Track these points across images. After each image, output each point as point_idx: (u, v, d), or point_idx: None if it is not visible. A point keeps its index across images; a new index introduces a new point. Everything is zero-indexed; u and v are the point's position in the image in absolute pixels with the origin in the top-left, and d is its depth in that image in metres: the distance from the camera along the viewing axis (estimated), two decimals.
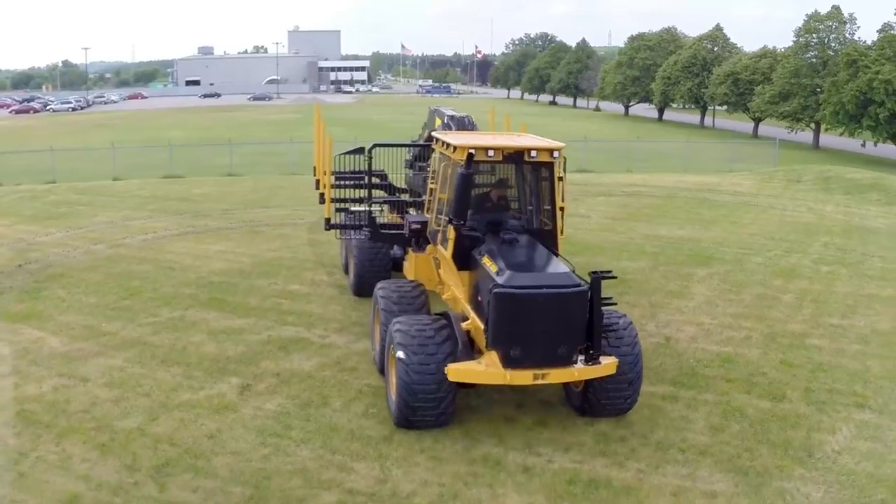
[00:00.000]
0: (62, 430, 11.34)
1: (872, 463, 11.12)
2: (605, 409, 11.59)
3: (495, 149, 12.16)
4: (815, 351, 15.50)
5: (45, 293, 18.16)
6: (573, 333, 10.59)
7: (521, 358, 10.42)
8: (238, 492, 9.71)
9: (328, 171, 16.20)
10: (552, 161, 12.46)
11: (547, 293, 10.34)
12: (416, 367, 10.59)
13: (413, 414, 10.82)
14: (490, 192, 13.35)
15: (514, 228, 12.33)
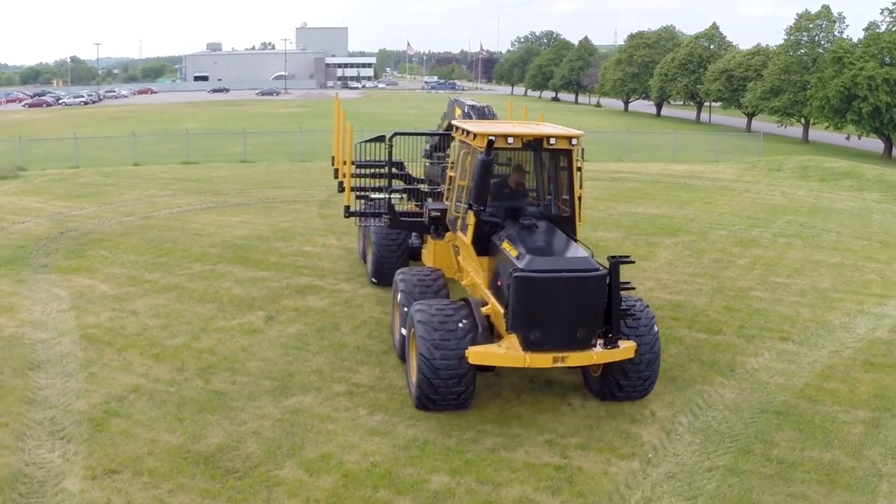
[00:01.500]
0: (121, 346, 13.98)
1: (784, 377, 13.67)
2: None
3: (515, 136, 12.26)
4: (756, 300, 18.04)
5: (88, 253, 20.76)
6: (592, 317, 10.63)
7: (541, 341, 10.46)
8: (267, 384, 12.36)
9: (348, 159, 16.43)
10: (570, 148, 12.51)
11: (566, 277, 10.39)
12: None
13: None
14: (509, 179, 13.46)
15: (533, 215, 12.40)
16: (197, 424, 10.90)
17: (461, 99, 18.01)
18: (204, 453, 10.12)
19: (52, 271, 18.94)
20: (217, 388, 12.18)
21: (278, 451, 10.22)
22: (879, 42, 59.87)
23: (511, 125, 14.10)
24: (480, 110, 16.14)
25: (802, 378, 13.59)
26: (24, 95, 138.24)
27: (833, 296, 18.66)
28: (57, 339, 14.20)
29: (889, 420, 12.02)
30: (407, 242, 16.93)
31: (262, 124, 67.49)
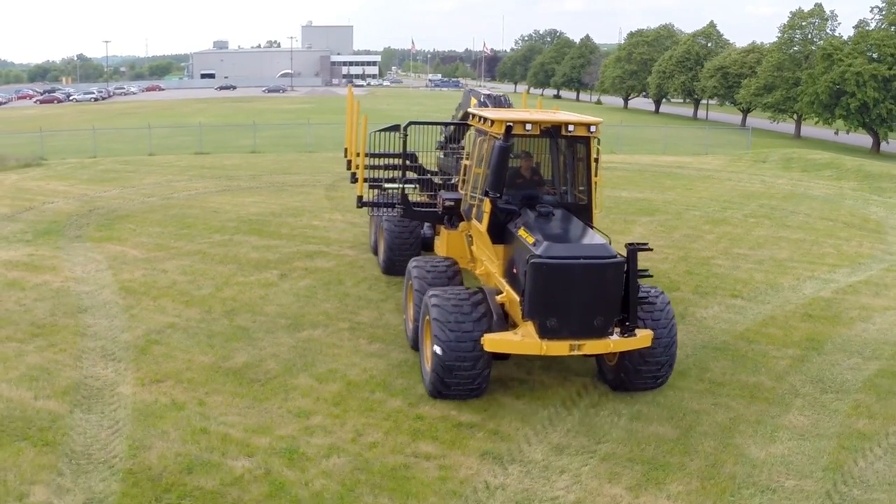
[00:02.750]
0: (155, 295, 16.19)
1: (728, 324, 15.79)
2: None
3: (533, 122, 12.21)
4: (716, 267, 20.20)
5: (117, 226, 22.98)
6: (609, 305, 10.51)
7: (558, 328, 10.36)
8: (282, 321, 14.59)
9: (362, 150, 16.20)
10: (589, 136, 12.42)
11: (583, 263, 10.26)
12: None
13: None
14: (525, 167, 13.40)
15: (550, 203, 12.40)
16: (225, 349, 13.12)
17: (477, 89, 18.86)
18: (232, 369, 12.34)
19: (86, 240, 21.11)
20: (240, 324, 14.40)
21: (293, 367, 12.44)
22: (868, 39, 61.84)
23: (528, 112, 14.22)
24: (497, 99, 16.33)
25: (744, 325, 15.73)
26: (35, 92, 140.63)
27: (788, 264, 20.77)
28: (98, 290, 16.41)
29: (815, 356, 14.12)
30: (419, 233, 16.93)
31: (269, 119, 69.66)
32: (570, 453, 10.07)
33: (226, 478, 9.07)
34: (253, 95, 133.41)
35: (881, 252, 22.95)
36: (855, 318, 16.46)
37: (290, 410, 10.92)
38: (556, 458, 9.86)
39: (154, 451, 9.64)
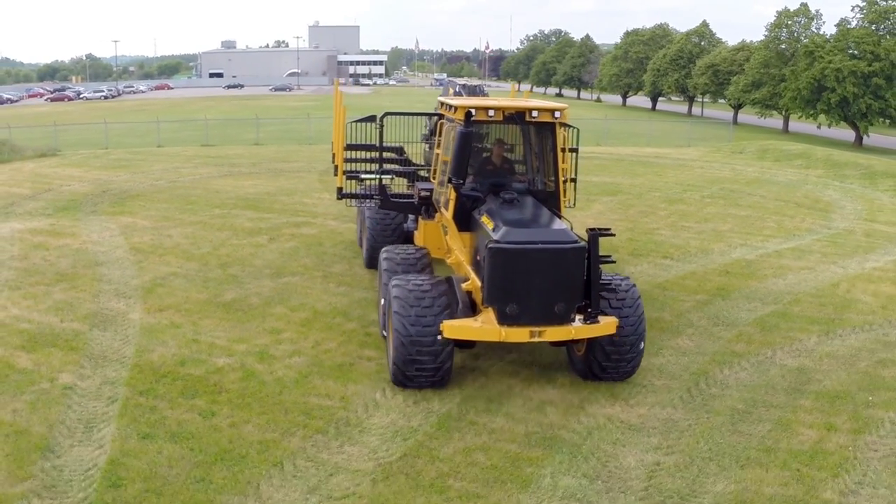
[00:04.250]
0: (161, 253, 18.83)
1: (650, 277, 18.22)
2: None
3: (496, 108, 12.11)
4: (658, 236, 22.69)
5: (128, 203, 25.65)
6: (570, 291, 10.36)
7: (517, 315, 10.23)
8: (267, 271, 17.23)
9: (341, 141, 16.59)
10: (554, 122, 12.32)
11: (542, 248, 10.15)
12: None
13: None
14: (496, 155, 13.33)
15: (518, 190, 12.32)
16: (217, 290, 15.79)
17: (455, 80, 21.55)
18: (222, 302, 15.00)
19: (101, 214, 23.78)
20: (232, 273, 17.06)
21: (272, 301, 15.10)
22: (849, 37, 64.30)
23: (495, 100, 14.14)
24: (472, 89, 16.62)
25: (665, 278, 18.25)
26: (45, 91, 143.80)
27: (726, 235, 23.20)
28: (112, 250, 19.07)
29: (719, 301, 16.59)
30: (402, 226, 16.74)
31: (274, 115, 72.44)
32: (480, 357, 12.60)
33: (210, 369, 11.73)
34: (260, 94, 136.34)
35: (820, 227, 25.26)
36: (769, 274, 18.87)
37: (265, 329, 13.58)
38: (473, 361, 12.39)
39: (155, 353, 12.31)
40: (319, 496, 8.38)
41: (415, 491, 8.54)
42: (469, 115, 11.62)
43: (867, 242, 23.13)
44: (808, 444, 10.20)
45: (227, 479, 8.66)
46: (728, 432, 10.38)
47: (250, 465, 8.95)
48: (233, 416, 10.23)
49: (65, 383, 11.15)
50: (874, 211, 28.72)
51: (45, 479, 8.60)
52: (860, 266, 20.11)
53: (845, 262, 20.48)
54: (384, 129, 15.96)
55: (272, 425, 9.97)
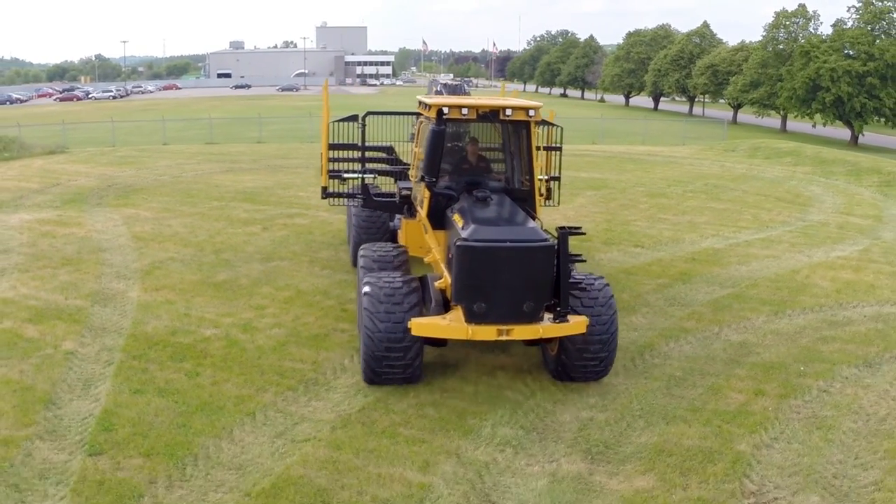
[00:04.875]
0: (160, 241, 20.04)
1: (619, 264, 19.14)
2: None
3: (469, 107, 12.05)
4: (634, 226, 23.79)
5: (132, 196, 26.91)
6: (539, 290, 10.33)
7: (485, 313, 10.21)
8: (258, 256, 18.43)
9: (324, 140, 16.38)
10: (528, 120, 12.31)
11: (510, 247, 10.11)
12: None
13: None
14: (472, 153, 13.31)
15: (494, 188, 12.31)
16: (210, 272, 17.00)
17: (438, 79, 22.59)
18: (214, 283, 16.21)
19: (106, 206, 25.04)
20: (224, 258, 18.27)
21: (259, 282, 16.30)
22: (844, 37, 65.28)
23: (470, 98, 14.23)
24: (453, 87, 17.57)
25: (632, 264, 19.35)
26: (54, 91, 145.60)
27: (700, 226, 24.24)
28: (115, 238, 20.31)
29: (679, 285, 17.65)
30: (387, 225, 16.76)
31: (278, 114, 73.73)
32: None
33: (198, 338, 12.96)
34: (267, 94, 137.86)
35: (795, 219, 26.22)
36: (733, 262, 19.90)
37: (251, 305, 14.80)
38: None
39: (150, 325, 13.54)
40: (284, 440, 9.57)
41: (368, 436, 9.71)
42: (441, 113, 11.70)
43: (838, 234, 24.04)
44: (734, 406, 11.29)
45: (206, 425, 9.86)
46: (661, 395, 11.49)
47: (226, 415, 10.15)
48: (215, 376, 11.44)
49: (67, 349, 12.37)
50: (852, 205, 29.59)
51: (46, 426, 9.80)
52: (826, 255, 21.05)
53: (812, 251, 21.44)
54: (366, 128, 16.14)
55: (249, 384, 11.18)
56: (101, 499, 8.16)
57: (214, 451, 9.24)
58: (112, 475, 8.63)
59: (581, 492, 8.71)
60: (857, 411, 11.24)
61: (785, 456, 9.83)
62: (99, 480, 8.52)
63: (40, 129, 52.03)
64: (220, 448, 9.33)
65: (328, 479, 8.68)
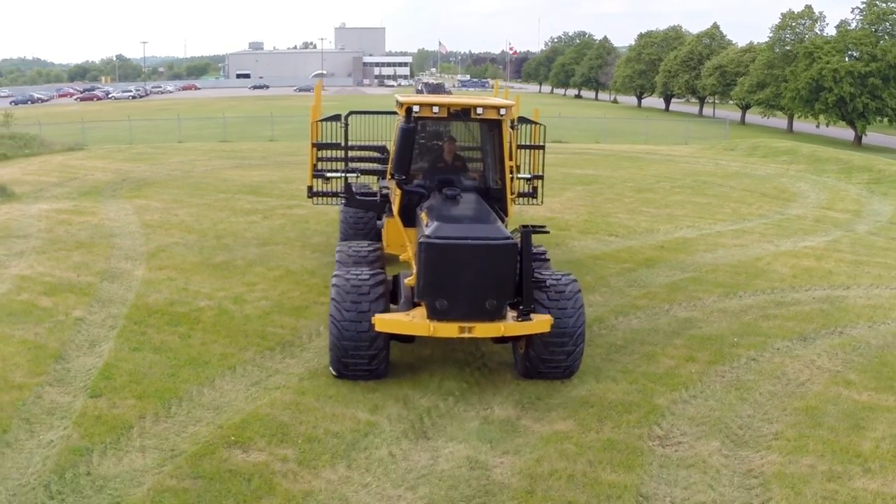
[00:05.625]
0: (166, 228, 21.65)
1: (590, 250, 20.38)
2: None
3: (440, 105, 12.12)
4: (614, 218, 25.13)
5: (144, 189, 28.60)
6: (501, 287, 10.39)
7: (447, 310, 10.28)
8: (255, 241, 19.99)
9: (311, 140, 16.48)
10: (500, 119, 12.35)
11: (471, 244, 10.18)
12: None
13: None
14: (448, 152, 13.43)
15: (466, 186, 12.44)
16: (210, 255, 18.59)
17: (422, 78, 23.84)
18: (212, 264, 17.79)
19: (119, 198, 26.72)
20: (225, 243, 19.86)
21: (254, 263, 17.87)
22: (847, 38, 66.30)
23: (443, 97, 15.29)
24: (434, 87, 19.52)
25: (603, 251, 20.66)
26: (75, 90, 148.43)
27: (679, 219, 25.49)
28: (126, 225, 21.95)
29: (643, 269, 18.79)
30: (374, 224, 16.76)
31: (292, 114, 75.43)
32: None
33: (192, 307, 14.55)
34: (284, 94, 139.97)
35: (773, 213, 27.36)
36: (701, 250, 21.14)
37: (243, 282, 16.37)
38: None
39: (151, 298, 15.13)
40: (258, 388, 11.10)
41: (330, 386, 11.19)
42: (410, 111, 11.87)
43: (812, 226, 25.16)
44: (663, 370, 12.65)
45: (192, 376, 11.42)
46: (599, 359, 12.85)
47: (211, 368, 11.70)
48: (204, 338, 13.01)
49: (76, 316, 13.98)
50: (835, 200, 30.65)
51: (55, 375, 11.39)
52: (794, 245, 22.20)
53: (781, 241, 22.60)
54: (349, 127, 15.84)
55: (233, 344, 12.74)
56: (97, 429, 9.68)
57: (197, 395, 10.78)
58: (108, 412, 10.18)
59: (507, 432, 10.14)
60: (778, 377, 12.50)
61: (698, 409, 11.17)
62: (97, 416, 10.07)
63: (60, 128, 54.00)
64: (202, 393, 10.87)
65: (290, 417, 10.19)
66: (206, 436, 9.59)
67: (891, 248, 22.41)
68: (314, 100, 17.69)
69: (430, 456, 9.37)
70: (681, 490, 8.92)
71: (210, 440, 9.45)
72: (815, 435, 10.44)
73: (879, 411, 11.31)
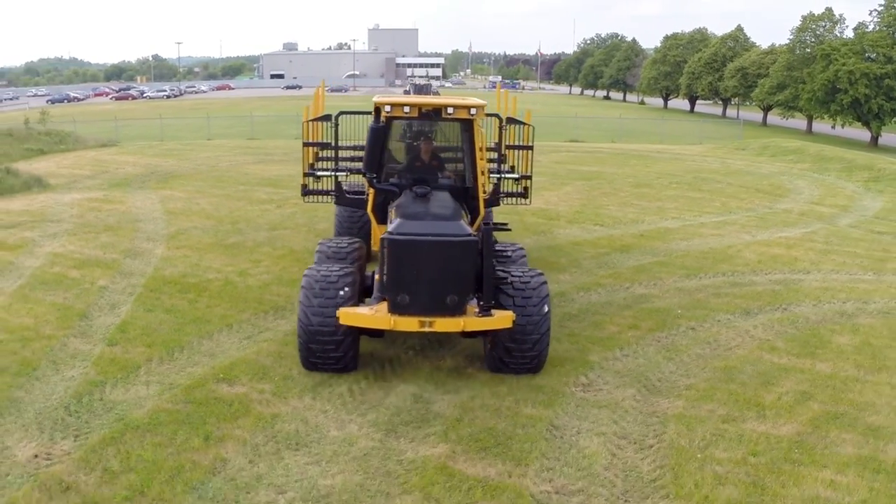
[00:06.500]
0: (187, 215, 23.74)
1: (574, 238, 22.02)
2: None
3: (411, 105, 12.36)
4: (604, 209, 26.76)
5: (170, 181, 30.79)
6: (461, 283, 10.63)
7: (408, 305, 10.52)
8: (266, 226, 22.03)
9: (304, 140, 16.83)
10: (471, 118, 12.61)
11: (430, 241, 10.42)
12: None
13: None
14: (425, 151, 13.77)
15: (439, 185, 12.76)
16: (223, 237, 20.65)
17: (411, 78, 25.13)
18: (224, 244, 19.85)
19: (146, 189, 28.91)
20: (238, 227, 21.93)
21: (263, 244, 19.89)
22: (864, 40, 67.27)
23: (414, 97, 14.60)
24: (420, 87, 17.70)
25: (585, 238, 22.24)
26: (110, 90, 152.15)
27: (667, 211, 27.01)
28: (150, 212, 24.10)
29: (616, 254, 20.27)
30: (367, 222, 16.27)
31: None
32: None
33: (202, 279, 16.59)
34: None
35: (761, 207, 28.53)
36: (677, 238, 22.59)
37: (250, 259, 18.40)
38: None
39: (167, 271, 17.21)
40: (249, 341, 13.09)
41: None
42: (378, 111, 12.28)
43: (795, 219, 26.33)
44: (606, 334, 14.30)
45: (195, 331, 13.45)
46: (553, 326, 14.38)
47: (211, 325, 13.72)
48: (209, 302, 15.05)
49: (101, 285, 16.09)
50: (827, 196, 31.72)
51: (79, 329, 13.48)
52: (770, 235, 23.45)
53: (759, 232, 23.91)
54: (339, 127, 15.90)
55: (233, 308, 14.76)
56: (111, 368, 11.73)
57: (197, 345, 12.81)
58: (121, 356, 12.24)
59: (452, 377, 11.97)
60: (710, 342, 14.10)
61: (625, 365, 12.87)
62: (111, 359, 12.13)
63: (95, 125, 56.60)
64: (202, 344, 12.89)
65: (272, 361, 12.16)
66: (200, 374, 11.59)
67: (864, 239, 23.63)
68: (313, 100, 18.85)
69: (383, 393, 11.26)
70: (588, 423, 10.67)
71: (203, 377, 11.46)
72: (725, 388, 12.07)
73: (793, 372, 12.87)
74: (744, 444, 10.25)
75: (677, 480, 9.26)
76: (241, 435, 9.80)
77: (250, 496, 8.55)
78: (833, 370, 12.98)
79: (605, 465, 9.56)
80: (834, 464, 9.83)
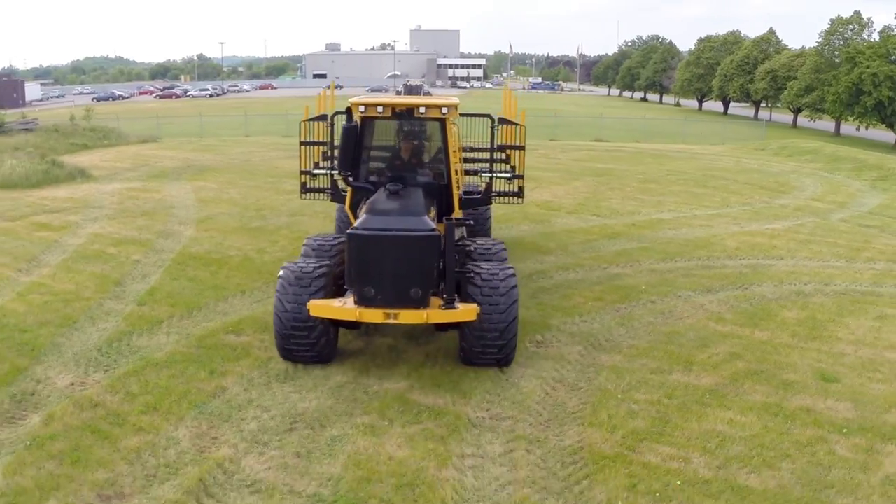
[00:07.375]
0: (217, 202, 26.06)
1: (567, 226, 23.65)
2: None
3: (384, 105, 12.73)
4: (606, 202, 28.42)
5: (205, 174, 33.21)
6: (424, 276, 10.90)
7: (373, 297, 10.84)
8: (287, 213, 24.20)
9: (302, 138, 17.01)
10: (443, 117, 12.95)
11: (393, 235, 10.74)
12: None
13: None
14: (405, 150, 14.20)
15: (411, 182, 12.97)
16: (248, 221, 22.95)
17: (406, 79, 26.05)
18: (248, 227, 22.13)
19: (182, 180, 31.35)
20: (262, 213, 24.21)
21: (281, 228, 22.14)
22: (889, 43, 68.11)
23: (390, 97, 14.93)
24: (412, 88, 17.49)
25: (579, 227, 24.01)
26: (155, 89, 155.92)
27: (665, 204, 28.33)
28: (183, 200, 26.49)
29: (604, 240, 21.89)
30: None
31: None
32: None
33: (224, 256, 18.89)
34: (356, 94, 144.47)
35: (759, 202, 29.52)
36: (667, 227, 23.99)
37: (269, 240, 20.67)
38: None
39: (195, 249, 19.53)
40: (259, 304, 15.28)
41: None
42: (349, 111, 12.62)
43: (788, 213, 27.25)
44: (571, 304, 16.04)
45: (212, 295, 15.72)
46: (525, 297, 16.04)
47: (227, 291, 15.98)
48: (228, 274, 17.34)
49: (134, 259, 18.47)
50: (829, 193, 32.56)
51: (114, 293, 15.83)
52: (758, 227, 24.52)
53: (749, 224, 25.02)
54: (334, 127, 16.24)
55: (248, 279, 17.01)
56: (138, 322, 14.07)
57: (213, 306, 15.09)
58: (148, 314, 14.57)
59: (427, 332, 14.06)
60: (664, 313, 15.75)
61: (580, 328, 14.68)
62: (139, 315, 14.46)
63: (137, 122, 59.41)
64: (217, 305, 15.16)
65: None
66: (213, 327, 13.86)
67: (849, 232, 24.59)
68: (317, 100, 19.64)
69: (363, 344, 13.34)
70: (533, 370, 12.58)
71: (215, 329, 13.73)
72: (664, 348, 13.81)
73: (731, 338, 14.44)
74: (663, 389, 12.06)
75: (595, 413, 11.16)
76: (240, 371, 12.01)
77: (241, 413, 10.73)
78: (769, 338, 14.50)
79: (538, 400, 11.51)
80: (738, 407, 11.56)
